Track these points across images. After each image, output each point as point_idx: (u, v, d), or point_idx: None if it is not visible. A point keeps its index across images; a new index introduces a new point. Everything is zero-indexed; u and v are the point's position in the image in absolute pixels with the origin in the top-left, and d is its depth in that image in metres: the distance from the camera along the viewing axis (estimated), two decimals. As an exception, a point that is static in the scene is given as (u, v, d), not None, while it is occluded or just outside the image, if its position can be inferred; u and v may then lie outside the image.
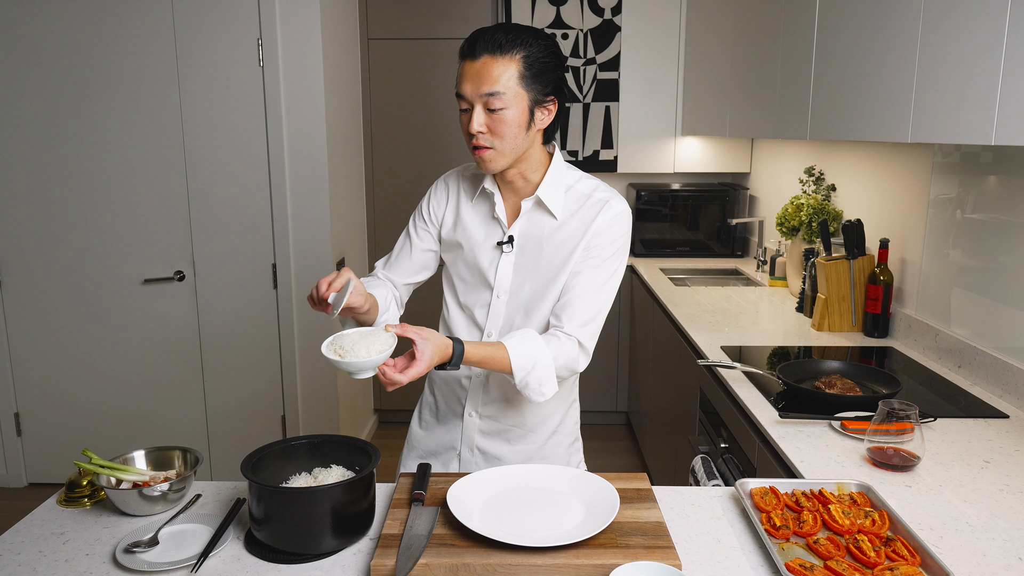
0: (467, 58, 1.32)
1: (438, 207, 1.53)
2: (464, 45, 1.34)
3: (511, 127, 1.33)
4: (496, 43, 1.30)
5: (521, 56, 1.31)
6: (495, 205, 1.45)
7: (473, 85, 1.31)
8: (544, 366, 1.34)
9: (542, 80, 1.34)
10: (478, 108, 1.32)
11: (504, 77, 1.30)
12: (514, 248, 1.44)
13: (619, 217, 1.41)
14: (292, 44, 3.02)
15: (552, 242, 1.43)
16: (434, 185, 1.55)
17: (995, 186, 1.94)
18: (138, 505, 1.26)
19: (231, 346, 3.22)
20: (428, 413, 1.64)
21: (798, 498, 1.26)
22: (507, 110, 1.31)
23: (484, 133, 1.33)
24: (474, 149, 1.36)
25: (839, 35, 2.07)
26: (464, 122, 1.35)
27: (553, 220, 1.42)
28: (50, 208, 3.09)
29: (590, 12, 3.87)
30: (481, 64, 1.30)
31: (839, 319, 2.43)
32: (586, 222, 1.41)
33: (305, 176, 3.12)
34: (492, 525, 1.16)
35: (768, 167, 3.72)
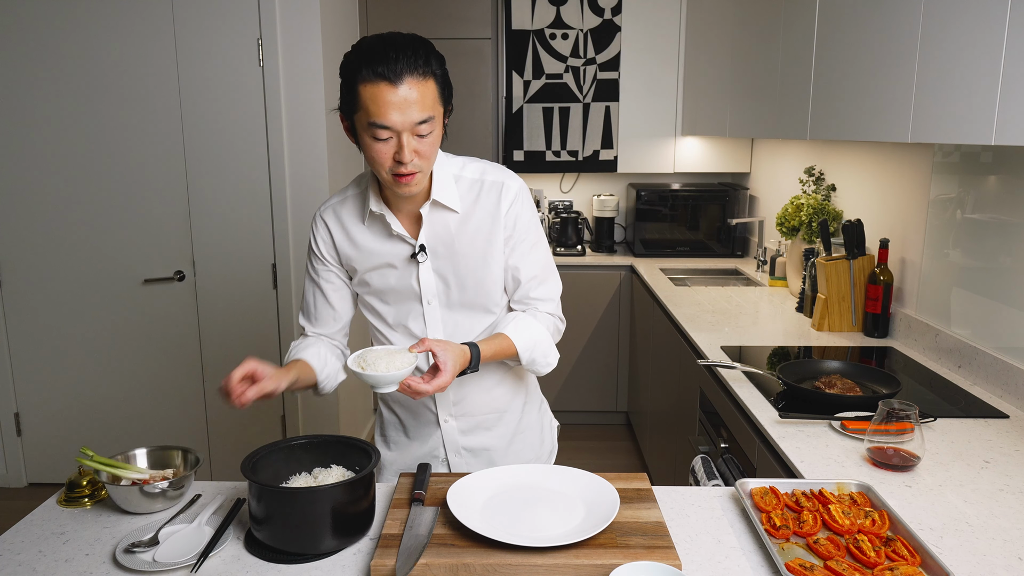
0: (384, 82, 1.19)
1: (328, 248, 1.46)
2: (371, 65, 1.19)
3: (436, 145, 1.29)
4: (415, 64, 1.21)
5: (435, 72, 1.25)
6: (391, 224, 1.39)
7: (403, 114, 1.21)
8: (543, 340, 1.43)
9: (449, 93, 1.30)
10: (407, 137, 1.23)
11: (431, 99, 1.24)
12: (428, 255, 1.41)
13: (520, 194, 1.42)
14: (292, 44, 3.02)
15: (463, 236, 1.41)
16: (313, 231, 1.47)
17: (995, 186, 1.94)
18: (138, 502, 1.26)
19: (231, 346, 3.22)
20: (395, 432, 1.61)
21: (798, 498, 1.26)
22: (435, 129, 1.26)
23: (414, 160, 1.25)
24: (397, 176, 1.27)
25: (839, 35, 2.07)
26: (383, 151, 1.24)
27: (454, 214, 1.40)
28: (50, 208, 3.10)
29: (590, 12, 3.87)
30: (407, 89, 1.20)
31: (839, 319, 2.43)
32: (491, 209, 1.40)
33: (305, 176, 3.12)
34: (492, 525, 1.16)
35: (768, 167, 3.72)
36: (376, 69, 1.20)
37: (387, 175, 1.29)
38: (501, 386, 1.54)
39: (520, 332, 1.41)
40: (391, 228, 1.40)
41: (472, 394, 1.52)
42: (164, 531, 1.20)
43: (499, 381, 1.53)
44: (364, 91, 1.21)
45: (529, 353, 1.41)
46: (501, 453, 1.57)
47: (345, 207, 1.45)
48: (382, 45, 1.21)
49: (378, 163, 1.27)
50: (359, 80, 1.22)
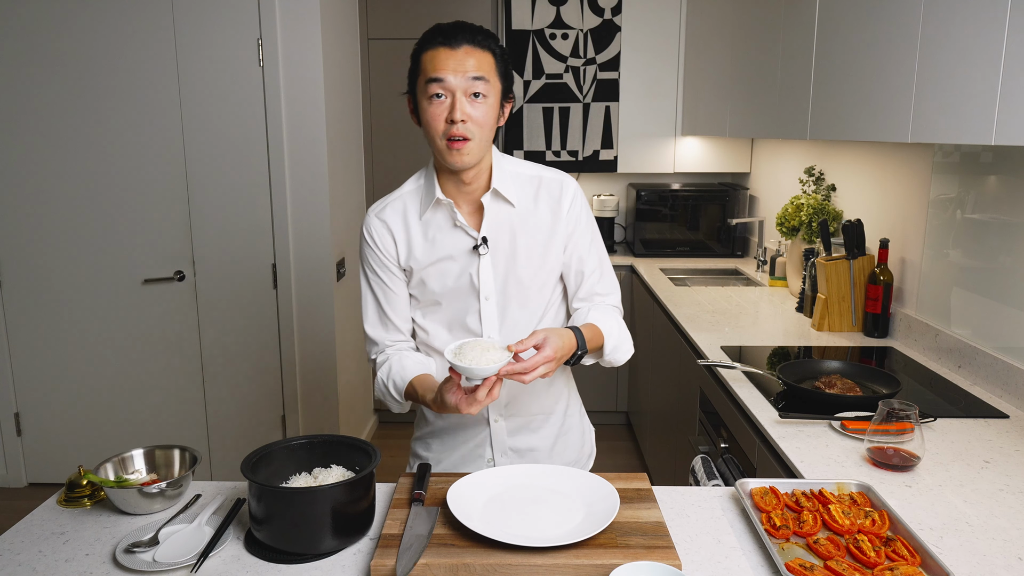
0: (443, 46, 1.29)
1: (388, 246, 1.44)
2: (434, 36, 1.30)
3: (490, 117, 1.33)
4: (474, 36, 1.30)
5: (494, 51, 1.33)
6: (455, 214, 1.40)
7: (458, 68, 1.28)
8: (623, 329, 1.47)
9: (508, 77, 1.37)
10: (460, 95, 1.29)
11: (486, 65, 1.31)
12: (488, 248, 1.42)
13: (578, 192, 1.48)
14: (292, 44, 3.02)
15: (524, 231, 1.43)
16: (368, 233, 1.46)
17: (995, 186, 1.94)
18: (137, 503, 1.26)
19: (231, 346, 3.22)
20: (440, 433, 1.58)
21: (798, 498, 1.26)
22: (488, 98, 1.32)
23: (466, 122, 1.30)
24: (450, 141, 1.30)
25: (839, 35, 2.07)
26: (438, 113, 1.30)
27: (512, 208, 1.42)
28: (50, 208, 3.10)
29: (590, 12, 3.87)
30: (463, 52, 1.29)
31: (839, 319, 2.43)
32: (553, 206, 1.44)
33: (305, 176, 3.12)
34: (492, 525, 1.16)
35: (768, 167, 3.72)
36: (437, 38, 1.30)
37: (441, 142, 1.32)
38: (550, 388, 1.54)
39: (607, 321, 1.43)
40: (454, 219, 1.41)
41: (523, 395, 1.52)
42: (164, 531, 1.20)
43: (549, 383, 1.53)
44: (424, 57, 1.31)
45: (614, 341, 1.44)
46: (545, 454, 1.57)
47: (402, 203, 1.45)
48: (446, 24, 1.32)
49: (433, 127, 1.31)
50: (422, 50, 1.32)
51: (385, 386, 1.46)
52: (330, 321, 3.25)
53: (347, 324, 3.53)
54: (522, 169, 1.45)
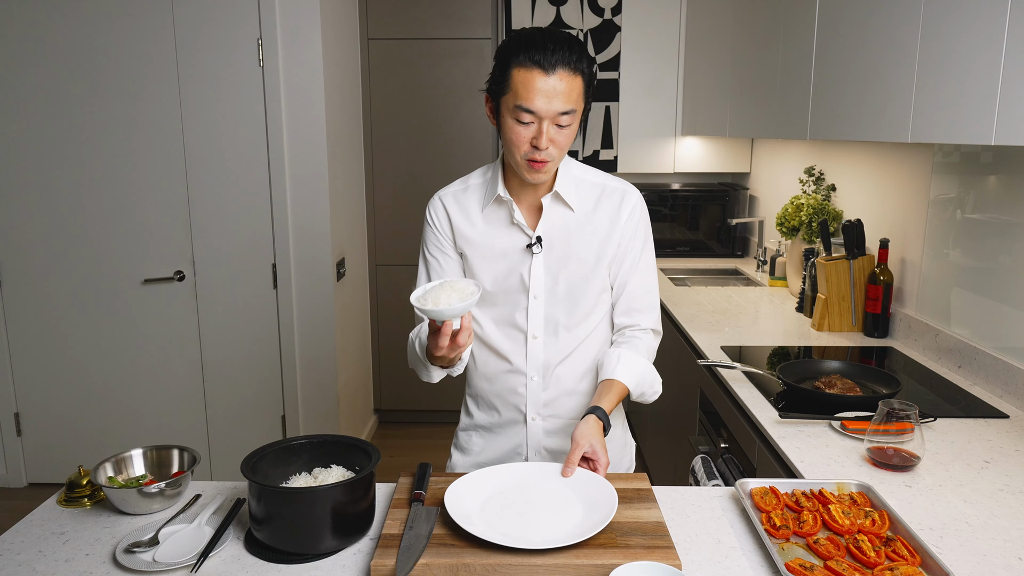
0: (538, 69, 1.26)
1: (446, 229, 1.48)
2: (529, 52, 1.26)
3: (571, 140, 1.35)
4: (570, 59, 1.27)
5: (586, 72, 1.31)
6: (513, 211, 1.43)
7: (549, 102, 1.27)
8: (647, 371, 1.50)
9: (591, 92, 1.36)
10: (547, 124, 1.29)
11: (576, 94, 1.30)
12: (542, 248, 1.44)
13: (639, 204, 1.49)
14: (292, 44, 3.02)
15: (580, 235, 1.45)
16: (431, 214, 1.49)
17: (995, 186, 1.94)
18: (136, 503, 1.26)
19: (231, 346, 3.22)
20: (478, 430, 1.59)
21: (798, 498, 1.26)
22: (573, 124, 1.32)
23: (549, 148, 1.31)
24: (531, 162, 1.33)
25: (839, 35, 2.07)
26: (522, 135, 1.30)
27: (571, 212, 1.44)
28: (50, 208, 3.10)
29: (590, 12, 3.87)
30: (557, 79, 1.26)
31: (839, 319, 2.42)
32: (611, 214, 1.46)
33: (305, 176, 3.12)
34: (490, 525, 1.16)
35: (768, 167, 3.72)
36: (533, 56, 1.26)
37: (521, 159, 1.34)
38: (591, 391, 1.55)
39: (627, 371, 1.45)
40: (512, 216, 1.43)
41: (563, 396, 1.52)
42: (164, 531, 1.20)
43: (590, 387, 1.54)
44: (517, 75, 1.28)
45: (638, 388, 1.48)
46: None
47: (467, 193, 1.48)
48: (541, 36, 1.28)
49: (515, 145, 1.32)
50: (514, 64, 1.28)
51: (414, 348, 1.45)
52: (330, 321, 3.25)
53: (347, 324, 3.53)
54: (589, 176, 1.48)
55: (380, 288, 4.02)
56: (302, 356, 3.26)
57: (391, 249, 3.98)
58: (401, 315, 4.03)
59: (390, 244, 3.98)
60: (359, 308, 3.81)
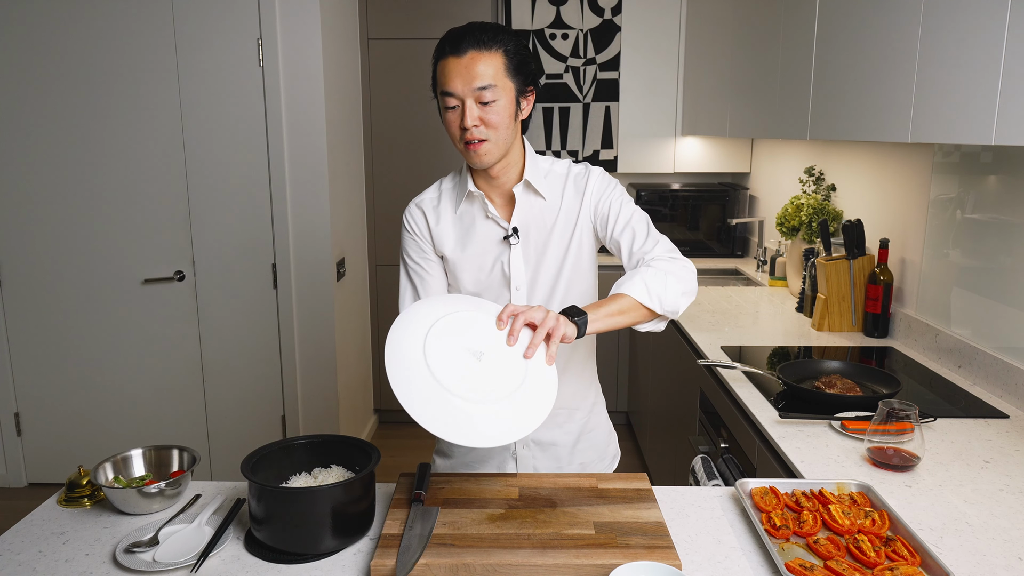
0: (451, 55, 1.33)
1: (424, 232, 1.50)
2: (444, 45, 1.35)
3: (503, 117, 1.36)
4: (480, 39, 1.33)
5: (503, 50, 1.35)
6: (487, 206, 1.45)
7: (464, 80, 1.32)
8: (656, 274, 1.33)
9: (523, 71, 1.39)
10: (470, 103, 1.33)
11: (492, 70, 1.33)
12: (519, 239, 1.45)
13: (603, 175, 1.50)
14: (292, 44, 3.02)
15: (554, 222, 1.46)
16: (407, 221, 1.51)
17: (995, 186, 1.94)
18: (136, 503, 1.27)
19: (231, 346, 3.22)
20: None
21: (798, 498, 1.26)
22: (498, 102, 1.35)
23: (478, 126, 1.35)
24: (467, 144, 1.36)
25: (839, 35, 2.07)
26: (453, 119, 1.36)
27: (543, 200, 1.46)
28: (50, 208, 3.09)
29: (590, 12, 3.87)
30: (469, 59, 1.32)
31: (839, 319, 2.43)
32: (578, 193, 1.47)
33: (305, 176, 3.12)
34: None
35: (768, 167, 3.72)
36: (445, 48, 1.35)
37: (460, 144, 1.38)
38: (574, 384, 1.56)
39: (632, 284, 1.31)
40: (486, 210, 1.45)
41: None
42: (164, 531, 1.20)
43: (575, 377, 1.56)
44: (438, 67, 1.36)
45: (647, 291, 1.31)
46: (568, 450, 1.58)
47: (440, 198, 1.51)
48: (457, 29, 1.35)
49: (451, 133, 1.38)
50: (436, 59, 1.37)
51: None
52: (330, 321, 3.25)
53: (347, 324, 3.53)
54: (555, 167, 1.50)
55: (380, 288, 4.02)
56: (302, 356, 3.26)
57: (391, 249, 3.98)
58: (401, 315, 4.02)
59: (390, 244, 3.98)
60: (359, 308, 3.81)
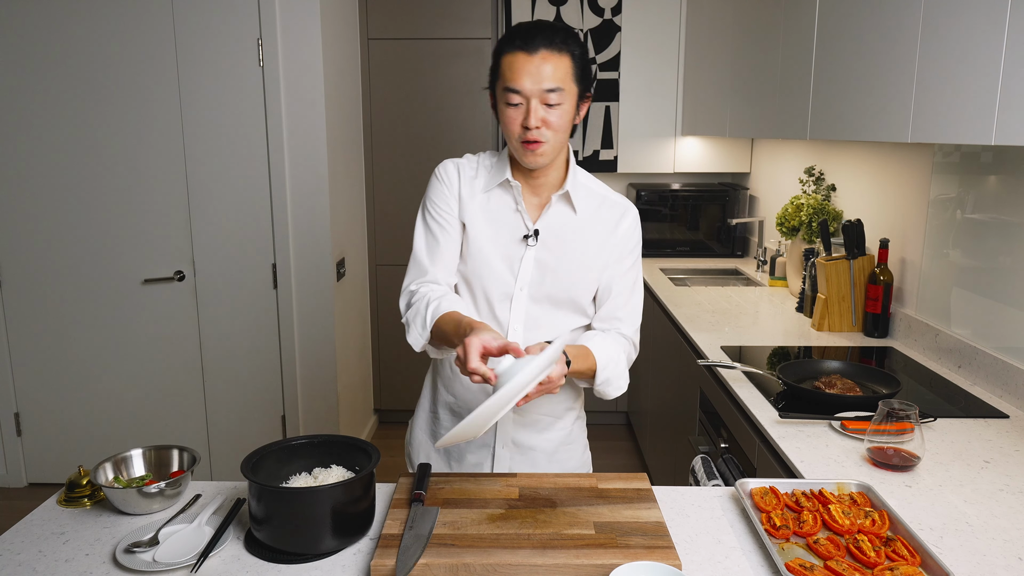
0: (521, 51, 1.31)
1: (454, 191, 1.46)
2: (515, 39, 1.33)
3: (565, 122, 1.36)
4: (552, 40, 1.32)
5: (572, 54, 1.34)
6: (518, 200, 1.44)
7: (533, 80, 1.31)
8: (620, 361, 1.45)
9: (586, 77, 1.39)
10: (535, 103, 1.32)
11: (561, 73, 1.33)
12: (537, 242, 1.44)
13: (636, 221, 1.52)
14: (292, 44, 3.02)
15: (577, 239, 1.46)
16: (440, 174, 1.48)
17: (995, 186, 1.94)
18: (136, 503, 1.26)
19: (231, 346, 3.22)
20: (447, 416, 1.59)
21: (798, 498, 1.26)
22: (563, 105, 1.34)
23: (540, 128, 1.34)
24: (525, 143, 1.35)
25: (839, 35, 2.07)
26: (515, 117, 1.34)
27: (573, 215, 1.46)
28: (50, 208, 3.09)
29: (590, 12, 3.87)
30: (540, 59, 1.31)
31: (839, 319, 2.42)
32: (609, 226, 1.48)
33: (305, 176, 3.12)
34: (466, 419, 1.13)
35: (768, 167, 3.72)
36: (515, 42, 1.33)
37: (516, 142, 1.37)
38: (562, 392, 1.55)
39: (606, 350, 1.42)
40: (516, 203, 1.44)
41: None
42: (164, 531, 1.20)
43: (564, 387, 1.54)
44: (503, 61, 1.34)
45: (605, 372, 1.41)
46: (546, 457, 1.57)
47: (476, 170, 1.48)
48: (528, 24, 1.35)
49: (509, 129, 1.36)
50: (502, 52, 1.35)
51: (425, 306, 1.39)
52: (330, 321, 3.25)
53: (347, 324, 3.53)
54: (592, 185, 1.51)
55: (380, 288, 4.02)
56: (302, 356, 3.26)
57: (391, 249, 3.98)
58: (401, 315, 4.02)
59: (390, 244, 3.98)
60: (359, 308, 3.81)
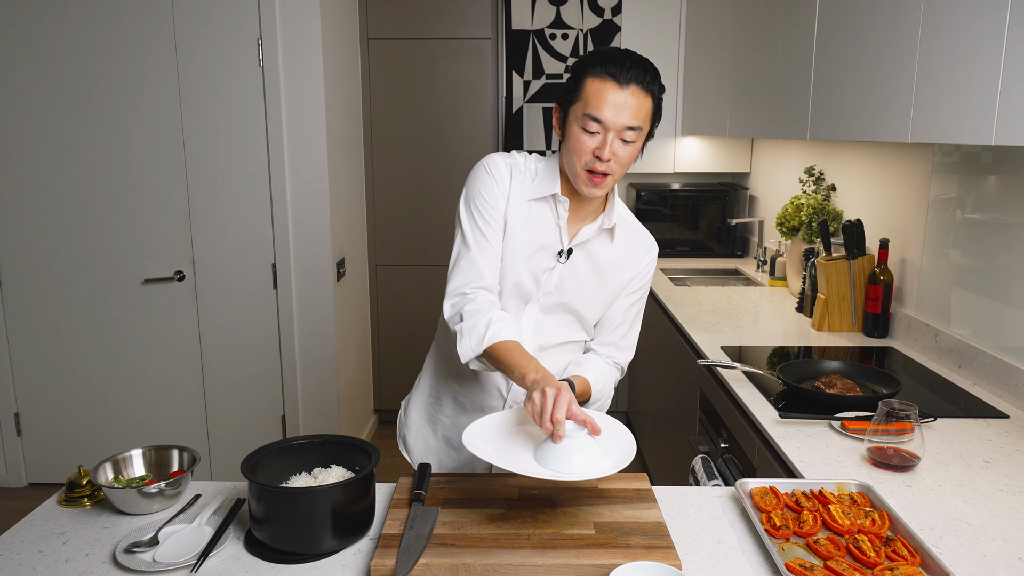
0: (612, 81, 1.28)
1: (499, 194, 1.41)
2: (608, 66, 1.29)
3: (632, 158, 1.35)
4: (643, 79, 1.30)
5: (656, 94, 1.33)
6: (562, 215, 1.42)
7: (618, 115, 1.29)
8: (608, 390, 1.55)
9: (658, 118, 1.37)
10: (612, 136, 1.30)
11: (644, 113, 1.31)
12: (567, 261, 1.45)
13: (655, 261, 1.55)
14: (292, 44, 3.02)
15: (606, 267, 1.47)
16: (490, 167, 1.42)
17: (995, 186, 1.94)
18: (136, 503, 1.27)
19: (231, 346, 3.22)
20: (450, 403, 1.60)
21: (798, 498, 1.26)
22: (636, 143, 1.33)
23: (610, 160, 1.32)
24: (591, 173, 1.33)
25: (839, 35, 2.07)
26: (586, 144, 1.31)
27: (610, 244, 1.47)
28: (50, 208, 3.09)
29: (590, 12, 3.87)
30: (629, 95, 1.29)
31: (839, 319, 2.42)
32: (636, 259, 1.51)
33: (305, 176, 3.12)
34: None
35: (768, 167, 3.72)
36: (609, 69, 1.29)
37: (580, 169, 1.34)
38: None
39: (597, 379, 1.49)
40: (557, 218, 1.43)
41: None
42: (164, 531, 1.20)
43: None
44: (590, 84, 1.30)
45: (595, 403, 1.52)
46: None
47: (523, 174, 1.43)
48: (620, 53, 1.31)
49: (578, 154, 1.33)
50: (589, 74, 1.31)
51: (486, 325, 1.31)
52: (330, 321, 3.25)
53: (347, 324, 3.53)
54: (627, 216, 1.52)
55: (380, 288, 4.02)
56: (302, 356, 3.26)
57: (391, 249, 3.98)
58: (401, 315, 4.03)
59: (390, 244, 3.98)
60: (359, 308, 3.81)
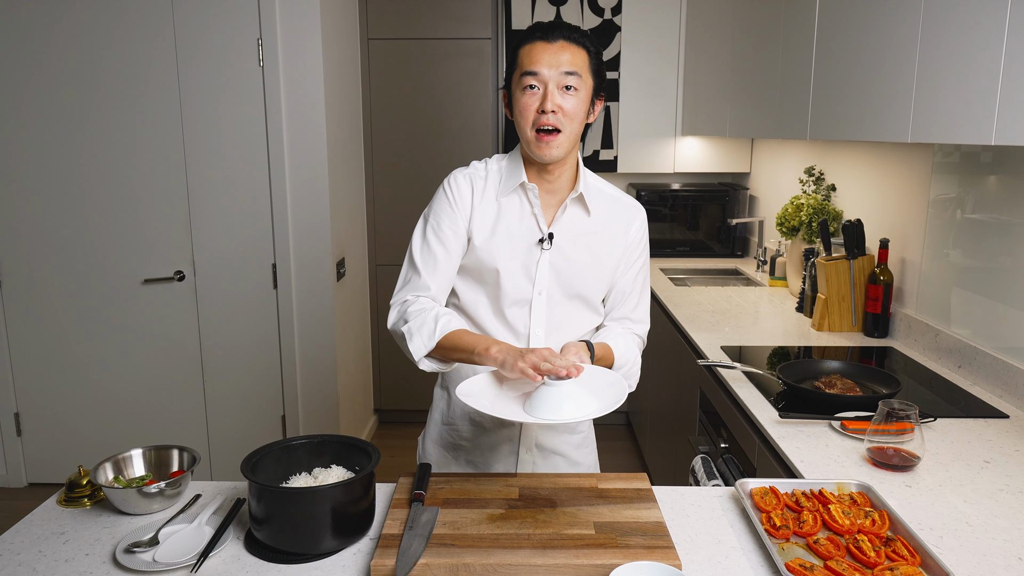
0: (541, 40, 1.34)
1: (459, 215, 1.42)
2: (533, 31, 1.36)
3: (579, 111, 1.36)
4: (571, 34, 1.35)
5: (588, 50, 1.37)
6: (534, 202, 1.43)
7: (551, 63, 1.32)
8: (635, 357, 1.49)
9: (600, 76, 1.40)
10: (552, 87, 1.33)
11: (580, 61, 1.34)
12: (552, 245, 1.44)
13: (645, 223, 1.54)
14: (292, 44, 3.02)
15: (590, 240, 1.46)
16: (449, 185, 1.44)
17: (995, 186, 1.94)
18: (136, 503, 1.27)
19: (231, 346, 3.22)
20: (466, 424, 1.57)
21: (798, 498, 1.26)
22: (579, 92, 1.35)
23: (556, 113, 1.33)
24: (539, 132, 1.34)
25: (839, 35, 2.07)
26: (531, 103, 1.34)
27: (587, 217, 1.45)
28: (50, 208, 3.09)
29: (590, 12, 3.87)
30: (559, 47, 1.33)
31: (839, 319, 2.42)
32: (622, 227, 1.48)
33: (305, 176, 3.12)
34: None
35: (768, 167, 3.72)
36: (535, 34, 1.36)
37: (531, 132, 1.35)
38: None
39: (623, 348, 1.46)
40: (531, 207, 1.43)
41: None
42: (164, 531, 1.20)
43: None
44: (522, 51, 1.36)
45: (623, 367, 1.45)
46: (566, 459, 1.58)
47: (486, 177, 1.46)
48: (547, 21, 1.38)
49: (524, 116, 1.35)
50: (520, 45, 1.37)
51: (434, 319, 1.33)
52: (330, 321, 3.25)
53: (347, 324, 3.53)
54: (602, 186, 1.51)
55: (380, 288, 4.02)
56: (302, 356, 3.26)
57: (391, 249, 3.98)
58: (401, 315, 4.02)
59: (390, 244, 3.98)
60: (359, 308, 3.81)
